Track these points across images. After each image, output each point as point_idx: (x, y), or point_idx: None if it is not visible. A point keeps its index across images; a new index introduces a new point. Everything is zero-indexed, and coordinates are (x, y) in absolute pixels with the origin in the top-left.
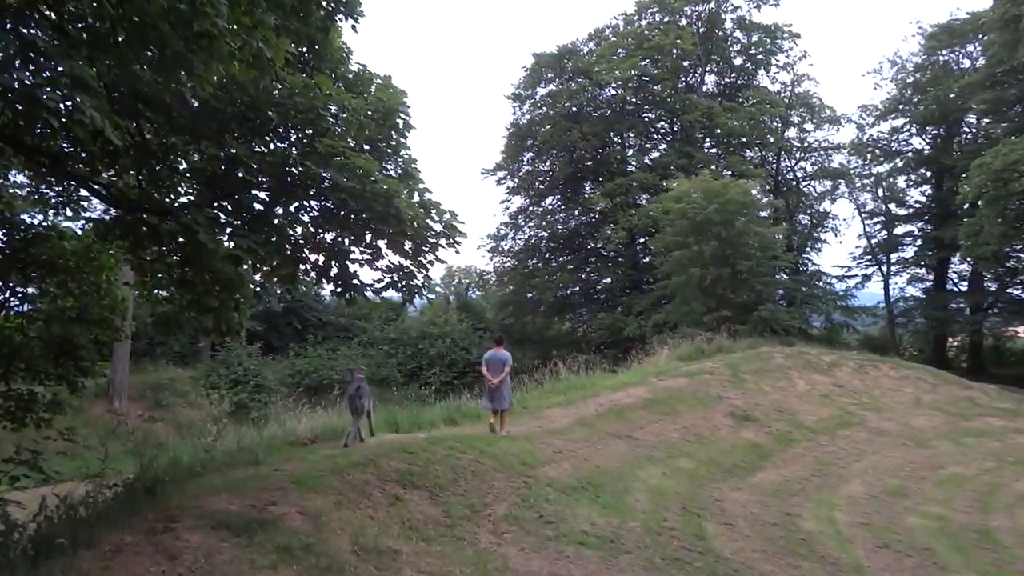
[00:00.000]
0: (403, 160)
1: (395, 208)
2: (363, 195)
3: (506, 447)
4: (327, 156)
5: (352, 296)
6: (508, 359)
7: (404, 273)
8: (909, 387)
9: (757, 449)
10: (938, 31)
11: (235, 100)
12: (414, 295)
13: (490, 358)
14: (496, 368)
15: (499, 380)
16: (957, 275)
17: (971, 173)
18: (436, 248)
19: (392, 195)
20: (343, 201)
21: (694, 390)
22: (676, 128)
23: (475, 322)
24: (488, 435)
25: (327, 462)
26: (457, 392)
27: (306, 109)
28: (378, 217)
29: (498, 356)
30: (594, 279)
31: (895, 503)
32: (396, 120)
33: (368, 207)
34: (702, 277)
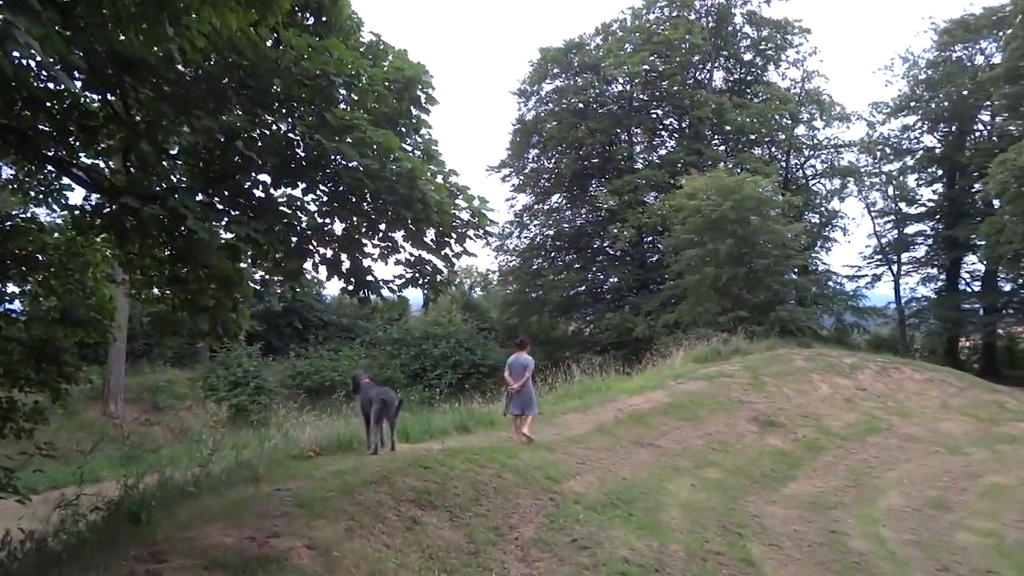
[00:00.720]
0: (424, 140)
1: (420, 191)
2: (382, 176)
3: (528, 459)
4: (340, 130)
5: (366, 295)
6: (530, 363)
7: (426, 268)
8: (934, 390)
9: (785, 457)
10: (952, 26)
11: (232, 65)
12: (438, 293)
13: (512, 362)
14: (518, 372)
15: (520, 385)
16: (970, 275)
17: (993, 170)
18: (463, 239)
19: (416, 176)
20: (359, 183)
21: (714, 394)
22: (684, 125)
23: (479, 322)
24: (508, 446)
25: (335, 480)
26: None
27: (315, 76)
28: (400, 201)
29: (520, 360)
30: (601, 279)
31: (940, 517)
32: (417, 93)
33: (389, 189)
34: (717, 276)
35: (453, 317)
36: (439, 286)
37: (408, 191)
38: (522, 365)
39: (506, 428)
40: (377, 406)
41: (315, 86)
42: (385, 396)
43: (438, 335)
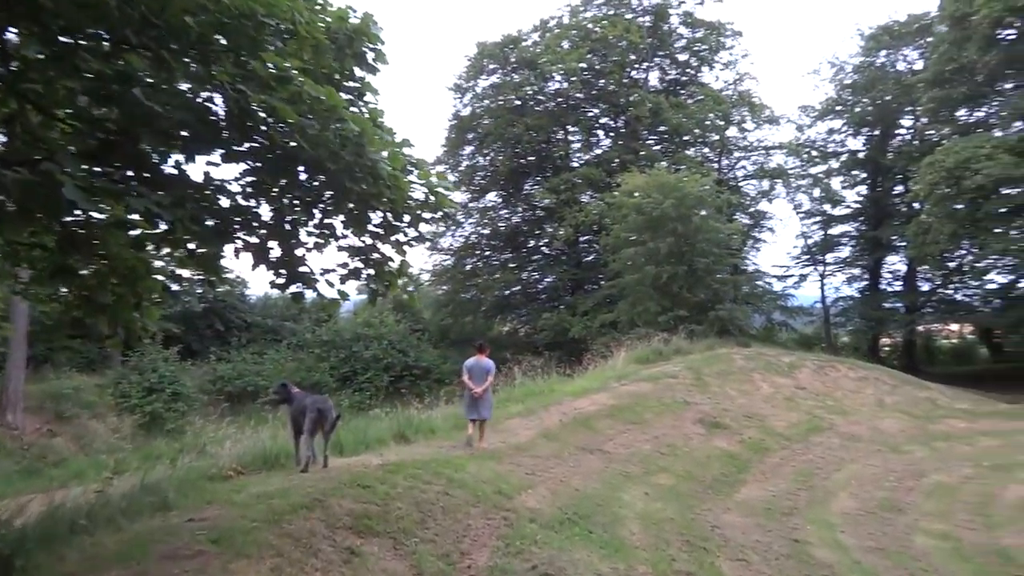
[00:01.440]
0: (369, 110)
1: (370, 160)
2: (323, 140)
3: (476, 472)
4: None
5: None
6: (492, 367)
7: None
8: (869, 388)
9: (734, 460)
10: (877, 33)
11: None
12: (389, 286)
13: (472, 366)
14: (479, 377)
15: (483, 389)
16: (892, 275)
17: (922, 171)
18: (418, 222)
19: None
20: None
21: (659, 395)
22: (621, 124)
23: (412, 323)
24: (454, 457)
25: (260, 505)
26: (399, 399)
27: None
28: (345, 172)
29: (481, 364)
30: (537, 278)
31: (894, 520)
32: (363, 48)
33: (332, 157)
34: (657, 275)
35: (385, 318)
36: (388, 278)
37: (355, 158)
38: (484, 369)
39: (448, 436)
40: (312, 415)
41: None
42: (322, 405)
43: (369, 337)
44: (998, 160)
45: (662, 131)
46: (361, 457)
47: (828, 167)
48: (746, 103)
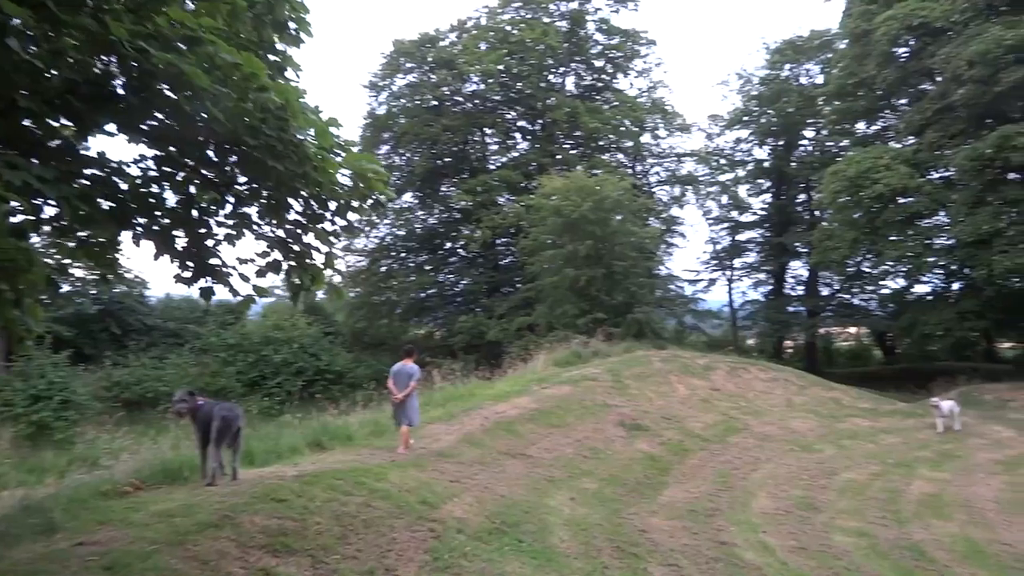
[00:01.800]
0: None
1: (294, 136)
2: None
3: (398, 481)
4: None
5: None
6: (416, 372)
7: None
8: (779, 389)
9: (655, 462)
10: (783, 47)
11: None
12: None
13: (397, 371)
14: (402, 382)
15: (404, 395)
16: (795, 280)
17: (826, 180)
18: (346, 210)
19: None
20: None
21: (580, 398)
22: (538, 127)
23: (324, 326)
24: (375, 467)
25: (161, 525)
26: (313, 404)
27: None
28: (266, 150)
29: (406, 369)
30: (453, 281)
31: (811, 518)
32: (284, 16)
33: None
34: (576, 278)
35: (297, 321)
36: (314, 272)
37: (278, 134)
38: (407, 374)
39: (366, 443)
40: (217, 424)
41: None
42: (227, 413)
43: (279, 340)
44: (895, 171)
45: (578, 135)
46: (274, 468)
47: (735, 175)
48: (659, 110)
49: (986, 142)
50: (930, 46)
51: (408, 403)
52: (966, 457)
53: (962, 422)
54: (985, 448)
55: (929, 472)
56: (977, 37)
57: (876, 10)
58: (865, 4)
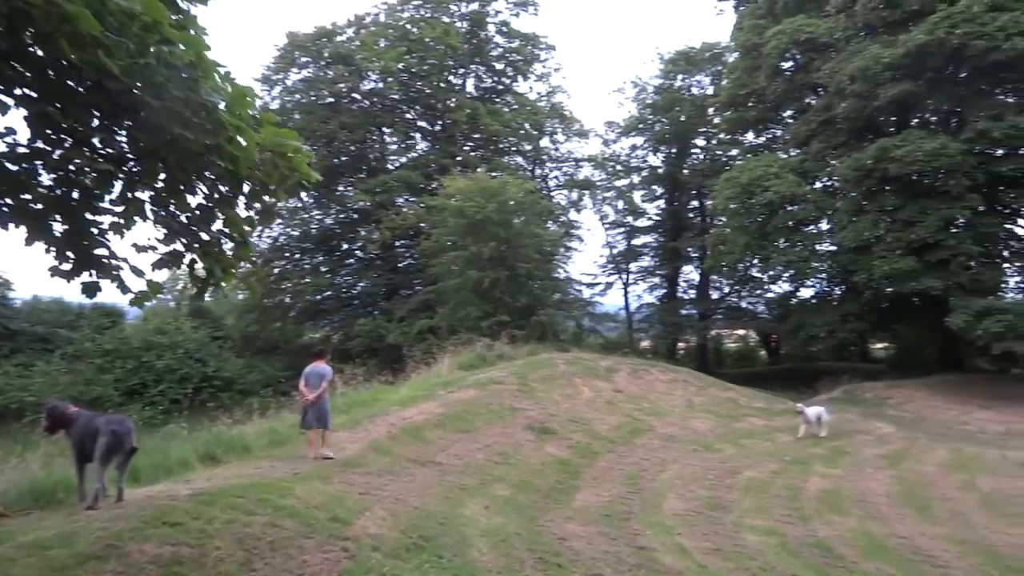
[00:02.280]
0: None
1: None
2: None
3: (305, 496)
4: None
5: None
6: (328, 373)
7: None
8: (679, 390)
9: (565, 466)
10: (676, 57)
11: None
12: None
13: (309, 372)
14: (314, 383)
15: (316, 396)
16: (687, 283)
17: (720, 186)
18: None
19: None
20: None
21: (487, 402)
22: (438, 127)
23: (212, 330)
24: (278, 481)
25: (31, 559)
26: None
27: None
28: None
29: (317, 370)
30: (351, 283)
31: (721, 518)
32: None
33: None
34: (480, 280)
35: (181, 324)
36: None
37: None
38: (319, 375)
39: (265, 454)
40: (106, 439)
41: None
42: (117, 427)
43: (162, 345)
44: (784, 179)
45: (478, 137)
46: (163, 486)
47: (631, 181)
48: (558, 115)
49: (867, 153)
50: (815, 61)
51: (320, 405)
52: (855, 453)
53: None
54: (870, 444)
55: (824, 468)
56: (858, 54)
57: (766, 24)
58: (756, 18)
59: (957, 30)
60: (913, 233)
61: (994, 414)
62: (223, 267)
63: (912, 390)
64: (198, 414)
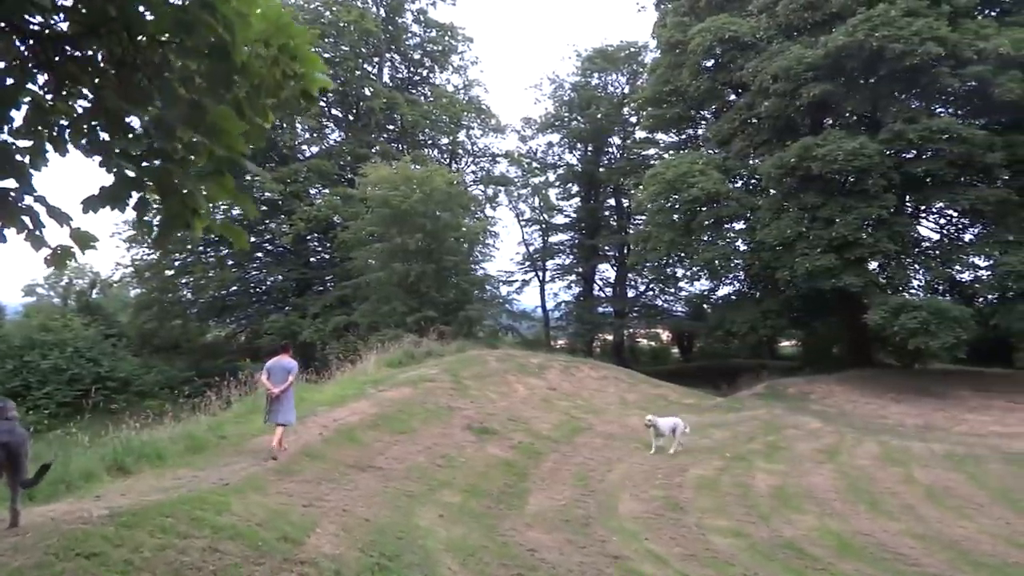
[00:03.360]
0: None
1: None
2: None
3: (245, 511)
4: None
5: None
6: (294, 368)
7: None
8: (611, 387)
9: (511, 468)
10: (593, 55)
11: None
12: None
13: (272, 366)
14: (280, 377)
15: (281, 390)
16: (603, 281)
17: (646, 182)
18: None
19: None
20: None
21: (422, 401)
22: (353, 116)
23: (104, 327)
24: (208, 494)
25: None
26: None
27: None
28: None
29: (282, 364)
30: (259, 277)
31: (682, 519)
32: None
33: None
34: (405, 273)
35: (70, 321)
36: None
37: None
38: (284, 369)
39: (183, 462)
40: None
41: None
42: (6, 437)
43: (48, 343)
44: (710, 176)
45: (393, 128)
46: (69, 505)
47: (547, 178)
48: (475, 109)
49: (789, 152)
50: (739, 59)
51: (284, 400)
52: (790, 448)
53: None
54: (803, 439)
55: (765, 464)
56: (780, 54)
57: (689, 22)
58: (679, 16)
59: (876, 32)
60: (834, 231)
61: (908, 407)
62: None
63: (830, 385)
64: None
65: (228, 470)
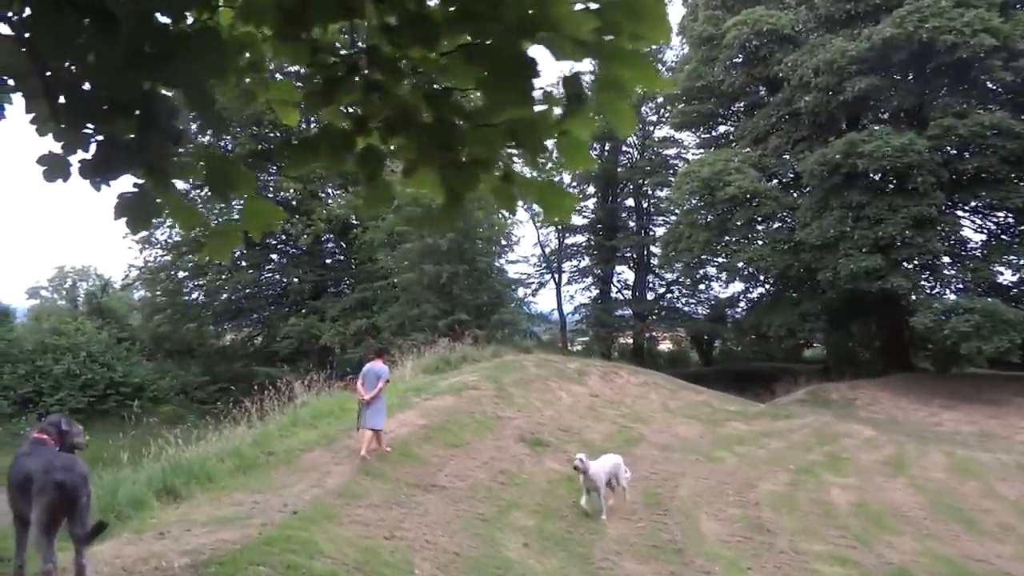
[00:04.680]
0: None
1: None
2: None
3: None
4: None
5: None
6: (384, 373)
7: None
8: (652, 393)
9: (574, 484)
10: None
11: None
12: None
13: (367, 371)
14: (371, 382)
15: (372, 395)
16: (621, 284)
17: (677, 181)
18: None
19: None
20: None
21: (469, 410)
22: None
23: (116, 331)
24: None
25: None
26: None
27: None
28: None
29: (374, 369)
30: (276, 280)
31: (775, 543)
32: None
33: None
34: (437, 274)
35: (82, 324)
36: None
37: None
38: (375, 375)
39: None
40: (48, 498)
41: None
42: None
43: (61, 347)
44: (746, 173)
45: None
46: (131, 543)
47: (561, 178)
48: None
49: (834, 148)
50: (777, 53)
51: (375, 405)
52: (853, 459)
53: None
54: (862, 449)
55: (834, 478)
56: (821, 47)
57: (722, 16)
58: (712, 9)
59: (926, 24)
60: (880, 230)
61: (960, 414)
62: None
63: (873, 390)
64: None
65: (288, 493)
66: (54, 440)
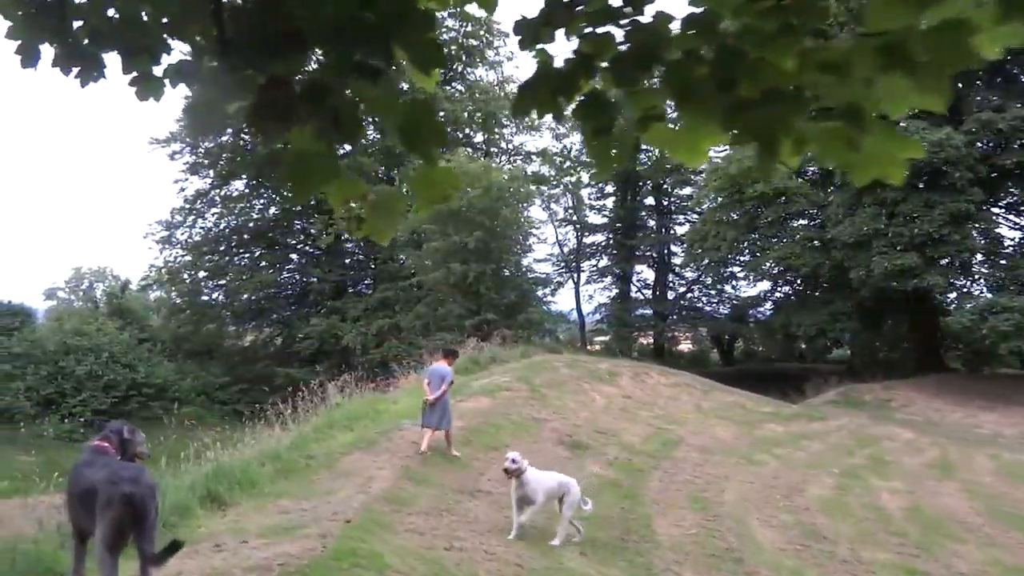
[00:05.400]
0: None
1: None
2: None
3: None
4: None
5: None
6: (449, 374)
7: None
8: (684, 395)
9: (619, 488)
10: None
11: None
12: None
13: (432, 372)
14: (436, 383)
15: (435, 397)
16: (641, 283)
17: (705, 178)
18: None
19: None
20: None
21: (504, 412)
22: None
23: (137, 331)
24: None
25: None
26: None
27: None
28: None
29: (439, 370)
30: (297, 280)
31: (836, 552)
32: None
33: None
34: (464, 273)
35: (103, 325)
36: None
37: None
38: (439, 375)
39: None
40: (115, 512)
41: None
42: (130, 486)
43: (82, 348)
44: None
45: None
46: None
47: (578, 177)
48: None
49: None
50: None
51: (441, 405)
52: (897, 463)
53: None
54: (904, 452)
55: (881, 482)
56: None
57: None
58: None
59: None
60: (916, 228)
61: (1000, 416)
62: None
63: (908, 391)
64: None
65: (335, 500)
66: (115, 448)
